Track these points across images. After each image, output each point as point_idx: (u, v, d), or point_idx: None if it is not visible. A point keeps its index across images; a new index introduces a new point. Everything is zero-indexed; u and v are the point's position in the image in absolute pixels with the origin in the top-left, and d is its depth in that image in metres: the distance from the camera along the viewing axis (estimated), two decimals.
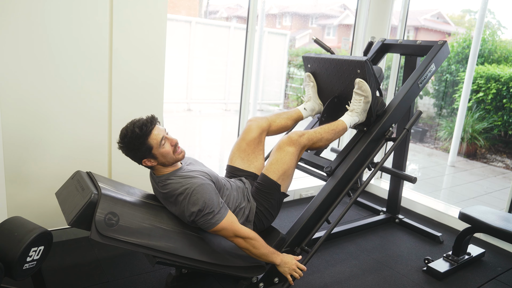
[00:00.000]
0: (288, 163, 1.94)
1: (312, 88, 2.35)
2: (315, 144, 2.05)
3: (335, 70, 2.19)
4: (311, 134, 2.04)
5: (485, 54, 5.99)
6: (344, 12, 9.94)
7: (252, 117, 2.18)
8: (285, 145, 1.96)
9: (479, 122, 5.72)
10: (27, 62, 1.99)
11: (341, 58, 2.15)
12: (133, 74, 2.29)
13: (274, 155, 1.97)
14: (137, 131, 1.65)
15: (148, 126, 1.67)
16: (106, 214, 1.54)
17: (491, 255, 2.57)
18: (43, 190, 2.18)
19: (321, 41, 2.40)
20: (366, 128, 2.22)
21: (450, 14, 8.90)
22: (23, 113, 2.04)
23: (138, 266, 2.12)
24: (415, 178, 2.40)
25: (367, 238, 2.70)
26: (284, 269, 1.87)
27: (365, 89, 2.05)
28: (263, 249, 1.79)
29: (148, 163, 1.71)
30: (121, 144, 1.70)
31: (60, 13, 2.00)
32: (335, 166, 2.16)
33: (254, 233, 1.77)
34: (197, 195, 1.65)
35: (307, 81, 2.37)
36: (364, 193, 3.58)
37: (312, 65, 2.32)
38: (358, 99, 2.09)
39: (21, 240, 1.37)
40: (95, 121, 2.25)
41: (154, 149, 1.68)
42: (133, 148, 1.67)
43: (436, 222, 3.05)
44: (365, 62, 2.02)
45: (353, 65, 2.08)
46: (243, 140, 2.12)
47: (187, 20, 6.45)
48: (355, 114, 2.12)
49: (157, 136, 1.68)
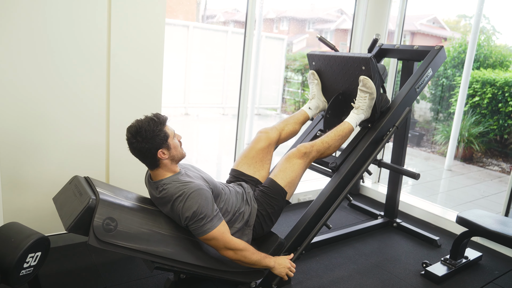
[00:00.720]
0: (296, 172, 1.99)
1: (316, 86, 2.38)
2: (323, 154, 2.10)
3: (340, 67, 2.22)
4: (319, 145, 2.07)
5: (481, 59, 6.04)
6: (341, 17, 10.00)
7: (263, 129, 2.20)
8: (294, 157, 2.01)
9: (475, 126, 5.75)
10: (25, 66, 1.98)
11: (346, 55, 2.17)
12: (132, 78, 2.29)
13: (283, 164, 2.01)
14: (155, 119, 1.67)
15: (162, 116, 1.71)
16: (104, 219, 1.54)
17: (488, 259, 2.58)
18: (40, 195, 2.17)
19: (325, 39, 2.43)
20: (371, 125, 2.24)
21: (445, 19, 8.97)
22: (20, 117, 2.03)
23: (136, 271, 2.11)
24: (418, 174, 2.39)
25: (365, 242, 2.70)
26: (280, 271, 1.88)
27: (369, 86, 2.08)
28: (254, 257, 1.78)
29: (162, 154, 1.68)
30: (135, 139, 1.64)
31: (60, 16, 2.00)
32: (340, 162, 2.18)
33: (244, 243, 1.76)
34: (193, 199, 1.64)
35: (311, 78, 2.40)
36: (362, 197, 3.59)
37: (316, 62, 2.35)
38: (363, 96, 2.12)
39: (18, 246, 1.36)
40: (93, 125, 2.24)
41: (170, 138, 1.70)
42: (152, 136, 1.63)
43: (434, 226, 3.05)
44: (370, 59, 2.04)
45: (358, 62, 2.11)
46: (253, 149, 2.14)
47: (184, 25, 6.47)
48: (360, 112, 2.15)
49: (169, 127, 1.73)
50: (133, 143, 1.66)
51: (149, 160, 1.70)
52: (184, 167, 1.88)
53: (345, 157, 2.19)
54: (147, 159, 1.70)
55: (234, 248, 1.72)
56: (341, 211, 3.22)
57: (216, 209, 1.72)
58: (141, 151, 1.67)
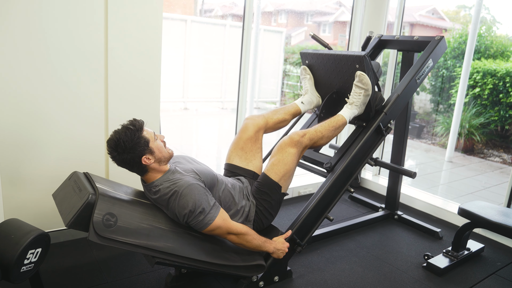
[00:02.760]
0: (289, 164, 1.95)
1: (309, 81, 2.34)
2: (316, 143, 2.05)
3: (334, 66, 2.18)
4: (312, 134, 2.03)
5: (482, 49, 6.01)
6: (339, 9, 9.95)
7: (249, 116, 2.17)
8: (286, 146, 1.96)
9: (476, 118, 5.73)
10: (23, 62, 1.96)
11: (339, 53, 2.14)
12: (130, 73, 2.27)
13: (276, 155, 1.97)
14: (131, 127, 1.63)
15: (138, 122, 1.66)
16: (104, 215, 1.53)
17: (490, 250, 2.57)
18: (39, 191, 2.16)
19: (319, 37, 2.39)
20: (365, 124, 2.22)
21: (445, 10, 8.92)
22: (19, 113, 2.01)
23: (137, 266, 2.11)
24: (415, 173, 2.39)
25: (367, 235, 2.69)
26: (278, 255, 1.90)
27: (365, 82, 2.05)
28: (256, 241, 1.80)
29: (147, 160, 1.66)
30: (116, 152, 1.63)
31: (57, 12, 1.98)
32: (335, 162, 2.15)
33: (246, 228, 1.78)
34: (186, 197, 1.63)
35: (303, 74, 2.35)
36: (363, 190, 3.58)
37: (310, 61, 2.31)
38: (358, 92, 2.08)
39: (18, 242, 1.35)
40: (92, 121, 2.23)
41: (151, 142, 1.67)
42: (131, 145, 1.62)
43: (435, 218, 3.05)
44: (363, 57, 2.01)
45: (352, 60, 2.07)
46: (240, 139, 2.11)
47: (182, 19, 6.43)
48: (354, 107, 2.11)
49: (147, 131, 1.69)
50: (115, 156, 1.65)
51: (136, 168, 1.69)
52: (175, 160, 1.87)
53: (340, 156, 2.17)
54: (133, 167, 1.69)
55: (237, 233, 1.74)
56: (342, 204, 3.21)
57: (212, 199, 1.71)
58: (125, 162, 1.66)
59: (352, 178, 2.13)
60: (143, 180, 1.78)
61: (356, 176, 2.14)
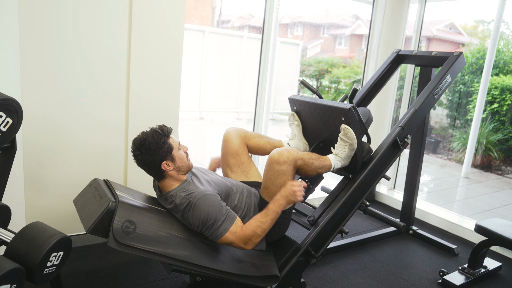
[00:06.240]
0: (281, 185, 1.82)
1: (296, 127, 2.29)
2: (307, 165, 1.91)
3: (321, 115, 2.14)
4: (304, 155, 1.91)
5: (500, 65, 5.93)
6: (356, 22, 9.96)
7: (228, 128, 2.17)
8: (274, 164, 1.83)
9: (494, 133, 5.64)
10: (48, 75, 2.04)
11: (326, 103, 2.08)
12: (151, 83, 2.33)
13: (266, 175, 1.86)
14: (159, 131, 1.69)
15: (166, 127, 1.72)
16: (123, 222, 1.56)
17: (508, 269, 2.52)
18: (60, 196, 2.22)
19: (308, 83, 2.34)
20: (352, 176, 2.15)
21: (463, 25, 8.85)
22: (43, 122, 2.09)
23: (152, 273, 2.13)
24: (404, 226, 2.40)
25: (381, 249, 2.67)
26: (290, 200, 1.78)
27: (350, 136, 1.98)
28: (267, 224, 1.74)
29: (167, 166, 1.70)
30: (139, 151, 1.67)
31: (80, 23, 2.06)
32: (318, 215, 2.10)
33: (253, 227, 1.72)
34: (199, 207, 1.66)
35: (291, 119, 2.31)
36: (378, 204, 3.56)
37: (298, 107, 2.28)
38: (343, 145, 2.01)
39: (42, 245, 1.39)
40: (112, 130, 2.29)
41: (175, 150, 1.71)
42: (155, 148, 1.65)
43: (451, 234, 3.01)
44: (349, 110, 1.94)
45: (338, 112, 2.02)
46: (226, 154, 2.12)
47: (200, 30, 6.52)
48: (338, 159, 2.02)
49: (173, 139, 1.74)
50: (137, 155, 1.69)
51: (154, 171, 1.72)
52: (192, 172, 1.89)
53: (323, 209, 2.11)
54: (151, 170, 1.72)
55: (250, 237, 1.72)
56: (356, 218, 3.19)
57: (227, 209, 1.72)
58: (145, 163, 1.70)
59: (337, 232, 2.09)
60: (158, 189, 1.82)
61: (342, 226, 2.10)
